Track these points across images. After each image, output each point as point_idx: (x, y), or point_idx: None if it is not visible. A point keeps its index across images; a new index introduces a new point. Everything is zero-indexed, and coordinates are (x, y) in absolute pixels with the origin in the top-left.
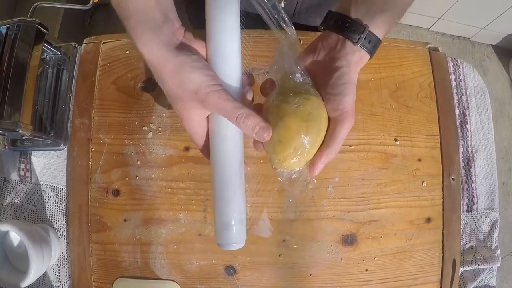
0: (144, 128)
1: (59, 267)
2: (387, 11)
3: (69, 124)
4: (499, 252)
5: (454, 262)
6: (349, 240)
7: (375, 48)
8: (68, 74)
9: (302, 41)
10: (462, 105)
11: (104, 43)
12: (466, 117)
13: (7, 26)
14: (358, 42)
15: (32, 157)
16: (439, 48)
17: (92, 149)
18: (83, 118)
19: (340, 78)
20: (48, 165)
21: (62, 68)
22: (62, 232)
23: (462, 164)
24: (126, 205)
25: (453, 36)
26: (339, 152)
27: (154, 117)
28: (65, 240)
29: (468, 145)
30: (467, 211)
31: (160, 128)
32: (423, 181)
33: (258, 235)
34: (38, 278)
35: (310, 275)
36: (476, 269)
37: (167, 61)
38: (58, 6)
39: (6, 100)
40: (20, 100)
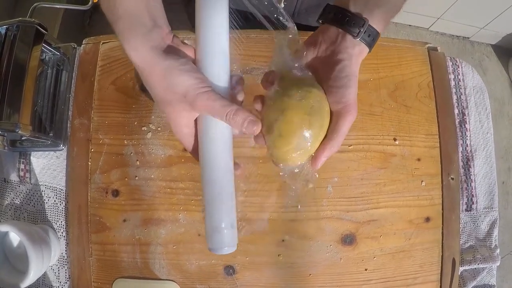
0: (143, 128)
1: (58, 267)
2: (385, 5)
3: (68, 125)
4: (498, 251)
5: (454, 261)
6: (348, 239)
7: (374, 41)
8: (68, 75)
9: (301, 42)
10: (461, 104)
11: (103, 43)
12: (465, 117)
13: (7, 26)
14: (358, 36)
15: (31, 157)
16: (438, 48)
17: (92, 150)
18: (83, 118)
19: (342, 71)
20: (48, 166)
21: (62, 68)
22: (62, 232)
23: (461, 164)
24: (125, 205)
25: (453, 35)
26: (338, 152)
27: (153, 117)
28: (65, 241)
29: (467, 144)
30: (467, 210)
31: (159, 128)
32: (422, 181)
33: (255, 230)
34: (38, 279)
35: (310, 275)
36: (475, 268)
37: (155, 64)
38: (58, 6)
39: (5, 101)
40: (20, 100)
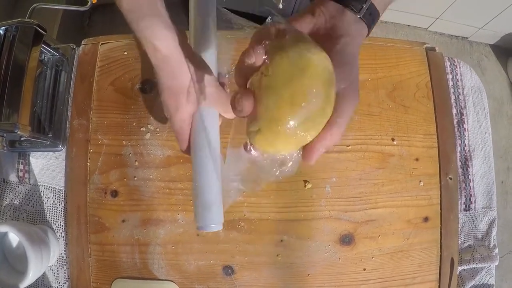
0: (142, 129)
1: (58, 268)
2: None
3: (67, 125)
4: (497, 250)
5: (452, 261)
6: (346, 239)
7: (374, 23)
8: (66, 75)
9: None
10: (459, 104)
11: (102, 44)
12: (463, 117)
13: (6, 27)
14: (361, 12)
15: (30, 158)
16: (436, 48)
17: (91, 150)
18: (81, 119)
19: (346, 47)
20: (47, 166)
21: (60, 69)
22: (61, 233)
23: (459, 164)
24: (124, 205)
25: (451, 36)
26: (336, 152)
27: (152, 118)
28: (64, 241)
29: (465, 144)
30: (465, 210)
31: (158, 129)
32: (420, 181)
33: (254, 230)
34: (37, 279)
35: (308, 275)
36: (474, 268)
37: (180, 54)
38: (57, 7)
39: (4, 102)
40: (19, 101)
